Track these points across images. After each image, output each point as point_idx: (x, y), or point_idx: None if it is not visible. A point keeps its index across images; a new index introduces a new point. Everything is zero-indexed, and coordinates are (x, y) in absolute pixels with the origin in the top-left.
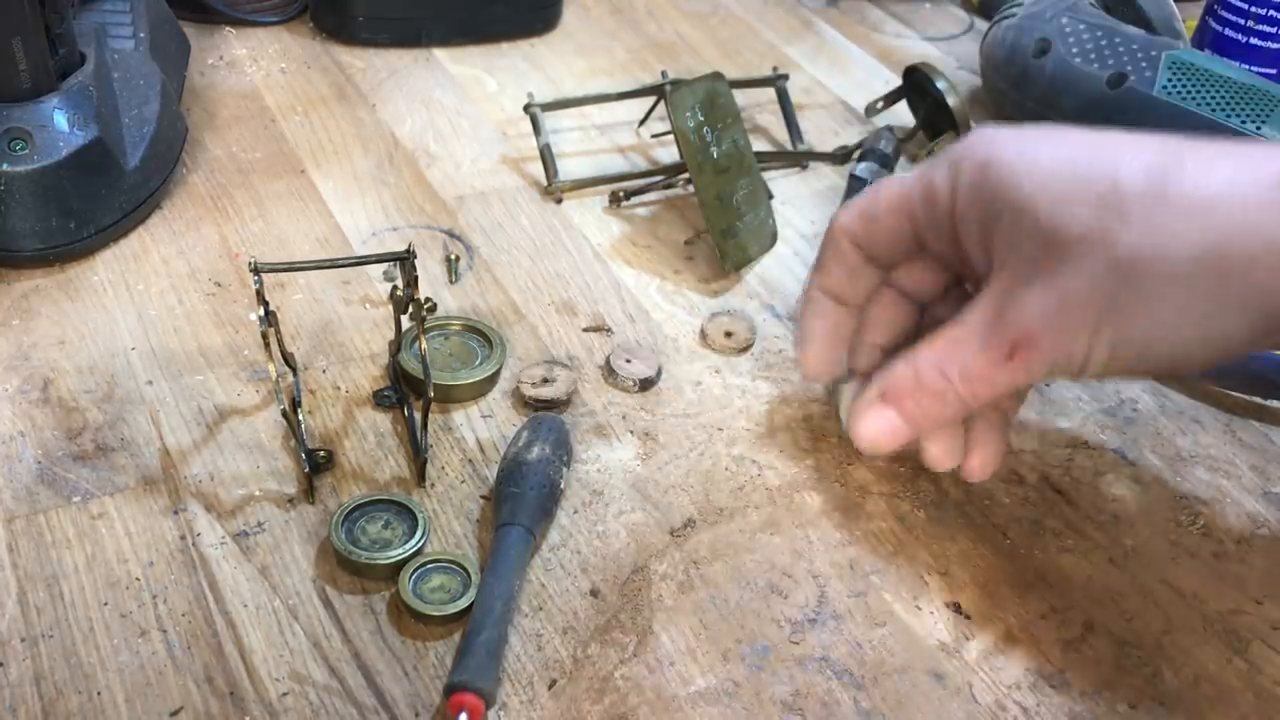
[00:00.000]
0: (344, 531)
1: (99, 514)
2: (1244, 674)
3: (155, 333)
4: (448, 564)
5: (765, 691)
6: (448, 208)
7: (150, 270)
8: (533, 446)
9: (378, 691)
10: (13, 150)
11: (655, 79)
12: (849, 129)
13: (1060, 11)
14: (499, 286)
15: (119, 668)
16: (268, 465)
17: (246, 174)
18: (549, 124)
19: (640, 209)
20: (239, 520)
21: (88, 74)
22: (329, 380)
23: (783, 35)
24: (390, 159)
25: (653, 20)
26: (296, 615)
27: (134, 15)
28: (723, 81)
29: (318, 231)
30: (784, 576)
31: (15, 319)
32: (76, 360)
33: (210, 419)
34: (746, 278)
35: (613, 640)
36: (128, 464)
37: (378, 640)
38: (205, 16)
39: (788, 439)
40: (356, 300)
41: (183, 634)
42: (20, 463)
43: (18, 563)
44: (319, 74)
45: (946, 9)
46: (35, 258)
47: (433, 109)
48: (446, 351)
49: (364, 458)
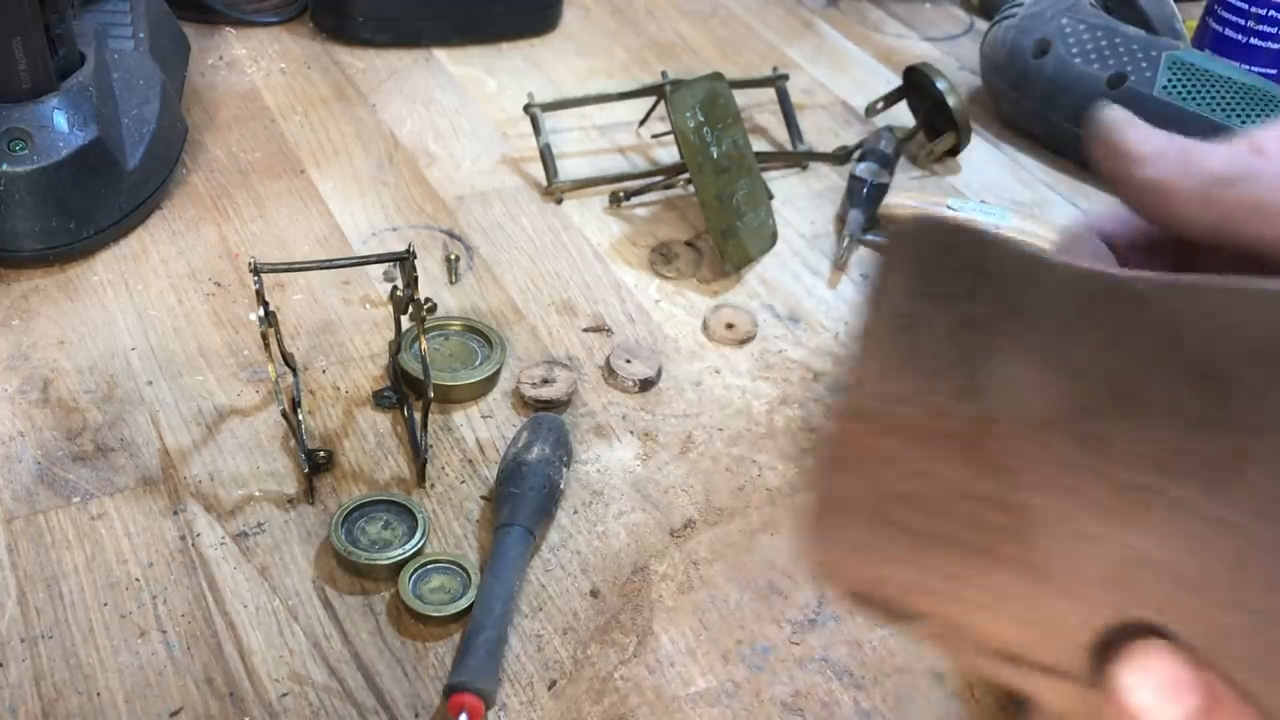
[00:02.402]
0: (344, 532)
1: (99, 514)
2: None
3: (155, 333)
4: (447, 564)
5: (765, 692)
6: (448, 208)
7: (150, 270)
8: (533, 447)
9: (377, 692)
10: (12, 150)
11: (655, 79)
12: (849, 129)
13: (1060, 12)
14: (499, 286)
15: (119, 668)
16: (267, 465)
17: (246, 174)
18: (549, 124)
19: (640, 209)
20: (239, 521)
21: (87, 74)
22: (329, 380)
23: (783, 35)
24: (390, 159)
25: (653, 20)
26: (296, 616)
27: (134, 15)
28: (723, 82)
29: (317, 232)
30: (784, 577)
31: (15, 319)
32: (76, 360)
33: (210, 419)
34: (747, 278)
35: (613, 641)
36: (127, 464)
37: (377, 641)
38: (205, 16)
39: (788, 439)
40: (356, 300)
41: (182, 634)
42: (20, 463)
43: (17, 563)
44: (319, 74)
45: (947, 9)
46: (35, 258)
47: (433, 109)
48: (446, 352)
49: (364, 458)
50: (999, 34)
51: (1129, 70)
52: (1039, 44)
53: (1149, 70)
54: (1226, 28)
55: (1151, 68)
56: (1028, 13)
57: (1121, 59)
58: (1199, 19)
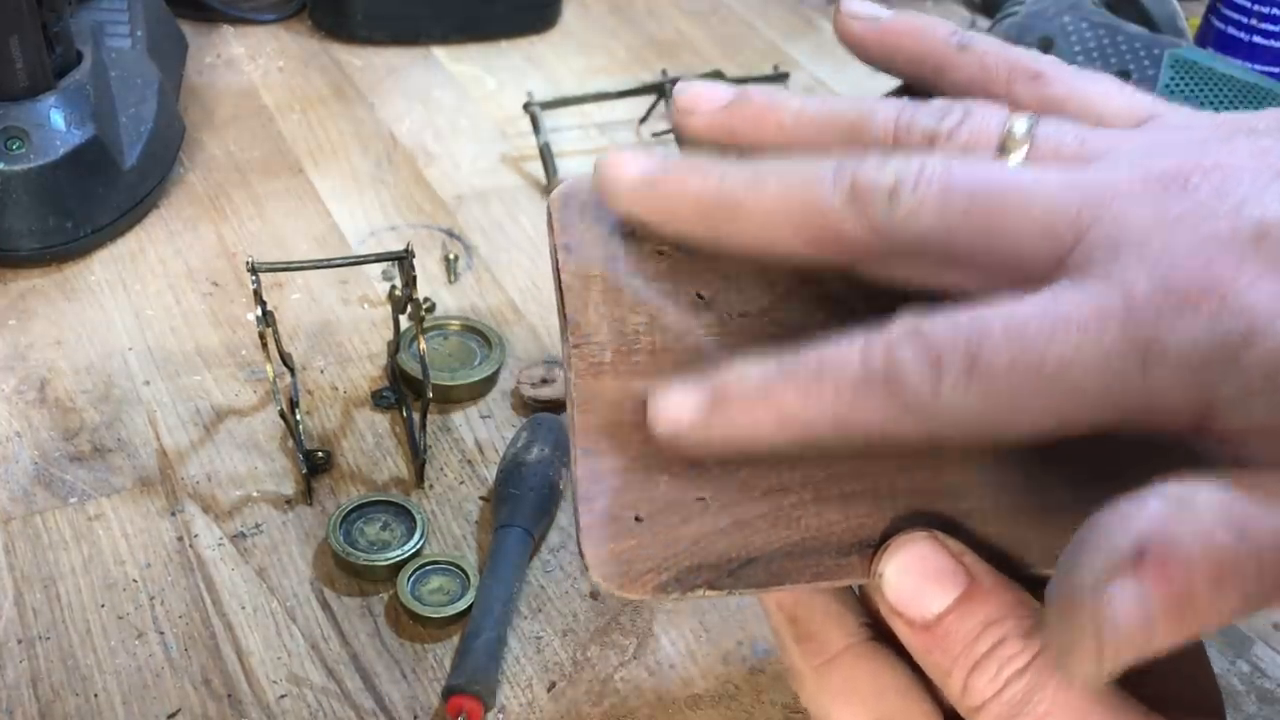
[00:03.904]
0: (342, 533)
1: (96, 515)
2: (1247, 676)
3: (152, 333)
4: (446, 565)
5: (766, 694)
6: (446, 207)
7: (147, 270)
8: (532, 447)
9: (376, 694)
10: (9, 149)
11: (655, 77)
12: None
13: (1062, 10)
14: (498, 286)
15: (116, 669)
16: (265, 466)
17: (244, 173)
18: (549, 123)
19: None
20: (236, 521)
21: (85, 73)
22: (327, 380)
23: (783, 33)
24: (389, 158)
25: (653, 18)
26: (294, 617)
27: (131, 13)
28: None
29: (316, 231)
30: None
31: (12, 319)
32: (73, 360)
33: (208, 419)
34: None
35: (612, 642)
36: (125, 465)
37: (376, 642)
38: (203, 14)
39: None
40: (355, 300)
41: (180, 636)
42: (17, 464)
43: (14, 564)
44: (317, 72)
45: (949, 7)
46: (32, 257)
47: (431, 108)
48: (445, 352)
49: (362, 458)
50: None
51: (1131, 68)
52: (1041, 42)
53: (1151, 69)
54: (1229, 26)
55: (1154, 66)
56: (1030, 11)
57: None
58: (1202, 17)
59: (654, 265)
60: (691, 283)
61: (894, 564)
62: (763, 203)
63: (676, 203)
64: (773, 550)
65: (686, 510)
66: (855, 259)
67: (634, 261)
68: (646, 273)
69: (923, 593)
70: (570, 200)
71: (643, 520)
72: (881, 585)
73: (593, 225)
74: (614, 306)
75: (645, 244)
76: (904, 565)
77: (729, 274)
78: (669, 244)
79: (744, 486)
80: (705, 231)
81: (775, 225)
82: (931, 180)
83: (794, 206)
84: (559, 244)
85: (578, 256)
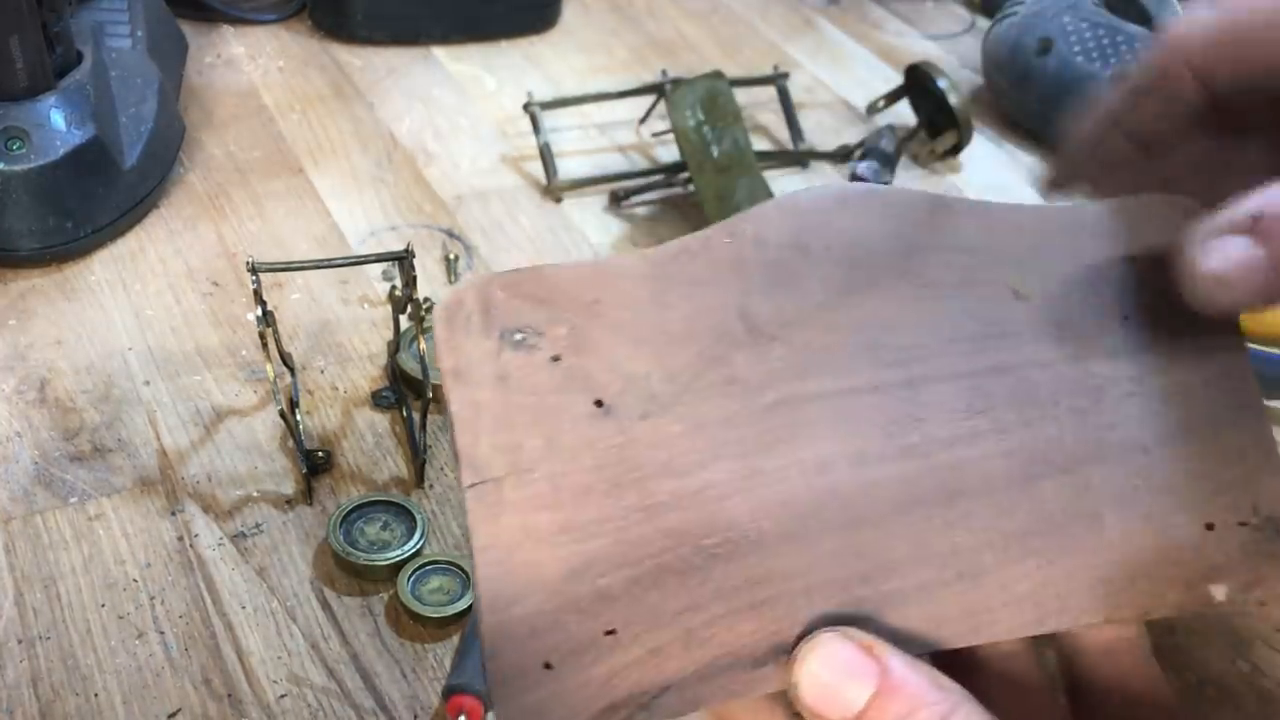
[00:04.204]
0: (342, 533)
1: (96, 515)
2: (1247, 676)
3: (152, 333)
4: (446, 565)
5: None
6: (446, 207)
7: (147, 270)
8: None
9: (376, 693)
10: (9, 149)
11: (655, 77)
12: (850, 128)
13: (1062, 10)
14: None
15: (116, 669)
16: (266, 466)
17: (244, 173)
18: (549, 123)
19: (640, 209)
20: (237, 521)
21: (85, 73)
22: (327, 380)
23: (784, 33)
24: (389, 158)
25: (653, 18)
26: (294, 617)
27: (131, 13)
28: (723, 80)
29: (316, 231)
30: None
31: (12, 319)
32: (73, 360)
33: (208, 419)
34: None
35: None
36: (125, 465)
37: (376, 642)
38: (203, 14)
39: None
40: (355, 300)
41: (180, 635)
42: (17, 464)
43: (15, 564)
44: (317, 72)
45: (948, 7)
46: (32, 257)
47: (431, 107)
48: None
49: (362, 458)
50: (1001, 32)
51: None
52: (1041, 42)
53: None
54: None
55: None
56: (1030, 11)
57: (1124, 57)
58: None
59: (547, 376)
60: (588, 390)
61: (806, 669)
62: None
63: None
64: (687, 675)
65: (597, 648)
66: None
67: (525, 376)
68: (540, 387)
69: (840, 691)
70: (455, 315)
71: (553, 667)
72: (799, 693)
73: (480, 340)
74: (508, 433)
75: (536, 353)
76: (816, 668)
77: (630, 373)
78: (561, 348)
79: (654, 611)
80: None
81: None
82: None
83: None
84: (446, 369)
85: (465, 382)
